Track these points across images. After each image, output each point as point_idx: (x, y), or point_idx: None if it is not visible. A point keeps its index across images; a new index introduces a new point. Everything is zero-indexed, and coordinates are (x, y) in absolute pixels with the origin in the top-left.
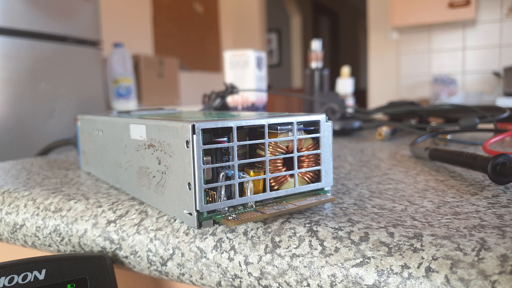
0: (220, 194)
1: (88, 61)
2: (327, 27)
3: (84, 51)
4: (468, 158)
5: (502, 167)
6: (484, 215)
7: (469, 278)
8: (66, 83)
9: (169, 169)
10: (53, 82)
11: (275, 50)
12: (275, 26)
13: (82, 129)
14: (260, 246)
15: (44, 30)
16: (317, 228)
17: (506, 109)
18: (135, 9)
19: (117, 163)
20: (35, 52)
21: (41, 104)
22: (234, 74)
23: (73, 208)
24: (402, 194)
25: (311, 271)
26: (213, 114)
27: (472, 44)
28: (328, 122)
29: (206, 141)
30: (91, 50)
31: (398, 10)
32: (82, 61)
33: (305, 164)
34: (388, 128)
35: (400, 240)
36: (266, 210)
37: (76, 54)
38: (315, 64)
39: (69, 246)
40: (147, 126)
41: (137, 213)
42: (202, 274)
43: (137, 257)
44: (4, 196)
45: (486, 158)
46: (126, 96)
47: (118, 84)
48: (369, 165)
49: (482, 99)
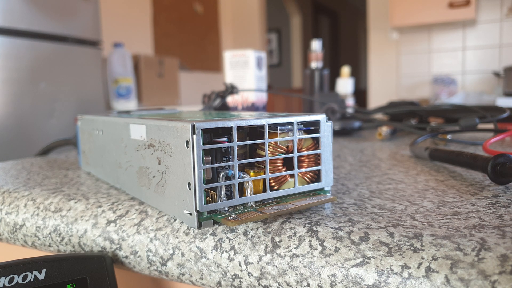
0: (220, 194)
1: (88, 61)
2: (327, 27)
3: (84, 51)
4: (468, 158)
5: (502, 167)
6: (484, 215)
7: (469, 278)
8: (66, 83)
9: (169, 169)
10: (53, 82)
11: (275, 50)
12: (275, 26)
13: (82, 129)
14: (260, 246)
15: (44, 30)
16: (317, 228)
17: (506, 109)
18: (135, 9)
19: (117, 163)
20: (35, 52)
21: (41, 104)
22: (234, 74)
23: (73, 208)
24: (402, 194)
25: (311, 271)
26: (213, 114)
27: (472, 44)
28: (328, 122)
29: (206, 141)
30: (91, 50)
31: (398, 10)
32: (82, 61)
33: (305, 164)
34: (388, 128)
35: (400, 240)
36: (266, 210)
37: (76, 54)
38: (315, 64)
39: (69, 246)
40: (147, 126)
41: (137, 213)
42: (202, 274)
43: (137, 257)
44: (4, 196)
45: (486, 158)
46: (126, 96)
47: (118, 84)
48: (369, 165)
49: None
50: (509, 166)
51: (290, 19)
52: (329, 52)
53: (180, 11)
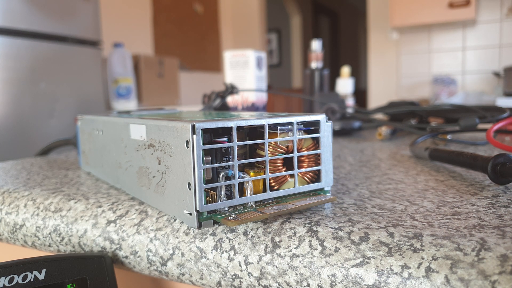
0: (220, 194)
1: (88, 61)
2: (327, 27)
3: (84, 51)
4: (468, 158)
5: (502, 167)
6: (484, 215)
7: (469, 278)
8: (66, 83)
9: (169, 169)
10: (53, 82)
11: (275, 50)
12: (275, 26)
13: (82, 129)
14: (260, 246)
15: (44, 30)
16: (317, 228)
17: (506, 109)
18: (135, 9)
19: (117, 163)
20: (35, 52)
21: (41, 104)
22: (234, 74)
23: (73, 208)
24: (402, 194)
25: (311, 271)
26: (213, 114)
27: (472, 44)
28: (328, 122)
29: (206, 141)
30: (91, 50)
31: (398, 10)
32: (82, 61)
33: (305, 164)
34: (388, 128)
35: (400, 240)
36: (266, 210)
37: (76, 54)
38: (315, 64)
39: (69, 246)
40: (147, 126)
41: (137, 213)
42: (202, 274)
43: (137, 257)
44: (4, 196)
45: (486, 158)
46: (126, 96)
47: (118, 84)
48: (369, 165)
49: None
50: (509, 166)
51: (290, 19)
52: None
53: (180, 11)
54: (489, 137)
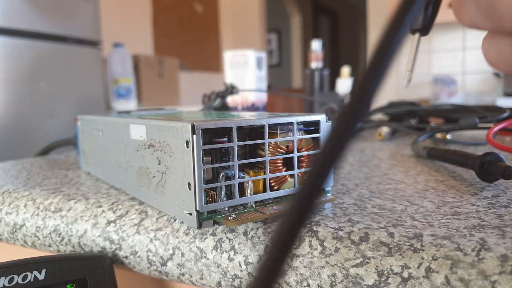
0: (220, 194)
1: (88, 61)
2: (327, 27)
3: (84, 51)
4: (460, 156)
5: (489, 165)
6: (484, 215)
7: (469, 278)
8: (66, 83)
9: (169, 169)
10: (53, 82)
11: (275, 50)
12: (275, 26)
13: (82, 129)
14: (260, 246)
15: (44, 30)
16: (317, 228)
17: (506, 109)
18: (135, 9)
19: (117, 163)
20: (35, 52)
21: (41, 104)
22: (234, 74)
23: (73, 208)
24: (402, 194)
25: (311, 271)
26: (213, 114)
27: (472, 44)
28: (328, 122)
29: (206, 141)
30: (91, 50)
31: None
32: (82, 61)
33: (305, 164)
34: (388, 128)
35: (400, 240)
36: (266, 210)
37: (76, 54)
38: (315, 64)
39: (69, 246)
40: (147, 126)
41: (137, 213)
42: (202, 274)
43: (137, 257)
44: (4, 196)
45: (475, 157)
46: (126, 96)
47: (118, 84)
48: (369, 165)
49: (482, 99)
50: (495, 164)
51: (290, 19)
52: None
53: (180, 11)
54: (489, 138)
